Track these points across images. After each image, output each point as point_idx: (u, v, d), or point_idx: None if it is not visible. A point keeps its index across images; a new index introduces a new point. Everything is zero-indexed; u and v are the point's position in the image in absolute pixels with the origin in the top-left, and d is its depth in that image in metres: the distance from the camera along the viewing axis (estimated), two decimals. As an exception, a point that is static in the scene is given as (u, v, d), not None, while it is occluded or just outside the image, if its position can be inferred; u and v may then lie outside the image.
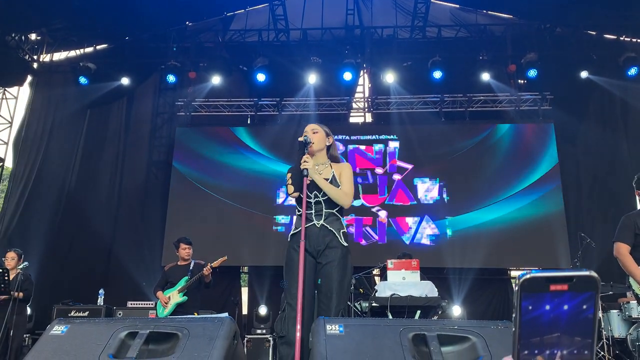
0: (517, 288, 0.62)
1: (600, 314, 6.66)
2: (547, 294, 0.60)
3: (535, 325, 0.61)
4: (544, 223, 9.00)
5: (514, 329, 0.62)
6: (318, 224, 3.18)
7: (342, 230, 3.20)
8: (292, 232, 3.26)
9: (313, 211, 3.20)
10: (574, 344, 0.60)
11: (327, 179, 3.25)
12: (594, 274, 0.61)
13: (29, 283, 6.21)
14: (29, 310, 6.40)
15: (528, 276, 0.61)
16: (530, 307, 0.61)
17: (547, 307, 0.60)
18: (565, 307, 0.60)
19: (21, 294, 6.02)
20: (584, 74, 9.39)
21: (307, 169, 3.10)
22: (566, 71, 9.61)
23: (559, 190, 9.15)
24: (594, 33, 10.00)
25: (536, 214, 9.08)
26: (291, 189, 3.25)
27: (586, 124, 9.67)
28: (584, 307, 0.60)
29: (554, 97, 9.77)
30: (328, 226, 3.17)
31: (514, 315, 0.63)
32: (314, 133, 3.35)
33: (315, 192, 3.21)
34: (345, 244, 3.16)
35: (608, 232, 5.37)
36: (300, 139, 3.23)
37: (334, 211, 3.22)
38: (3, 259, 6.19)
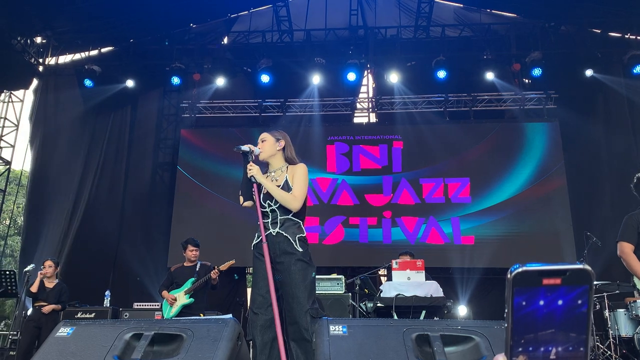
0: (508, 282, 0.61)
1: (606, 313, 6.64)
2: (541, 289, 0.60)
3: (529, 321, 0.60)
4: (549, 222, 8.97)
5: (505, 325, 0.62)
6: (274, 232, 3.18)
7: (298, 236, 3.17)
8: (253, 243, 3.30)
9: (269, 220, 3.22)
10: (569, 341, 0.60)
11: (278, 185, 3.23)
12: (587, 267, 0.60)
13: (66, 296, 6.40)
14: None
15: (520, 269, 0.60)
16: (524, 303, 0.60)
17: (542, 302, 0.60)
18: (560, 302, 0.60)
19: (59, 306, 6.20)
20: (589, 73, 9.36)
21: (253, 176, 3.19)
22: (571, 70, 9.58)
23: (565, 189, 9.11)
24: (599, 31, 9.97)
25: (541, 213, 9.04)
26: (241, 199, 3.34)
27: (591, 123, 9.63)
28: (579, 302, 0.59)
29: (559, 95, 9.74)
30: (284, 233, 3.17)
31: (506, 310, 0.62)
32: (262, 142, 3.37)
33: (268, 201, 3.23)
34: (301, 250, 3.13)
35: (614, 231, 5.35)
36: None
37: (289, 217, 3.21)
38: (42, 267, 6.36)
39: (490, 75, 9.46)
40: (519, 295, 0.60)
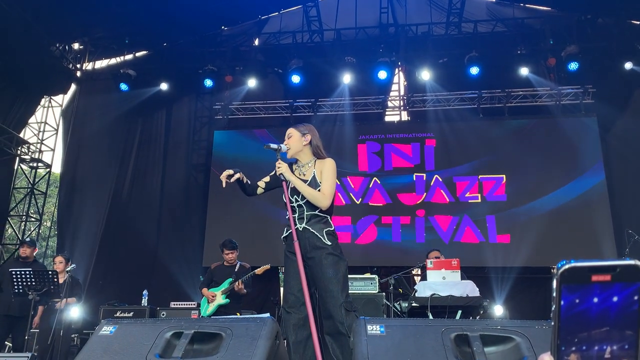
0: (555, 279, 0.59)
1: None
2: (594, 286, 0.58)
3: (581, 320, 0.58)
4: (588, 220, 8.74)
5: (552, 323, 0.60)
6: (300, 227, 3.21)
7: (325, 230, 3.19)
8: (283, 235, 3.36)
9: (296, 215, 3.25)
10: (624, 339, 0.58)
11: (306, 181, 3.25)
12: (639, 263, 0.58)
13: (78, 288, 6.45)
14: (78, 312, 6.61)
15: (567, 266, 0.58)
16: (577, 301, 0.59)
17: (595, 300, 0.58)
18: (615, 298, 0.58)
19: (73, 299, 6.26)
20: (628, 66, 9.07)
21: (282, 174, 3.23)
22: (609, 63, 9.30)
23: (604, 185, 8.87)
24: (638, 22, 9.66)
25: (580, 210, 8.83)
26: (259, 190, 3.48)
27: (631, 117, 9.34)
28: (635, 298, 0.58)
29: (597, 90, 9.47)
30: (310, 228, 3.19)
31: (553, 308, 0.60)
32: (289, 138, 3.42)
33: (295, 196, 3.26)
34: (330, 243, 3.15)
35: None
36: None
37: (316, 212, 3.23)
38: (52, 263, 6.47)
39: (524, 71, 9.27)
40: (567, 292, 0.59)
